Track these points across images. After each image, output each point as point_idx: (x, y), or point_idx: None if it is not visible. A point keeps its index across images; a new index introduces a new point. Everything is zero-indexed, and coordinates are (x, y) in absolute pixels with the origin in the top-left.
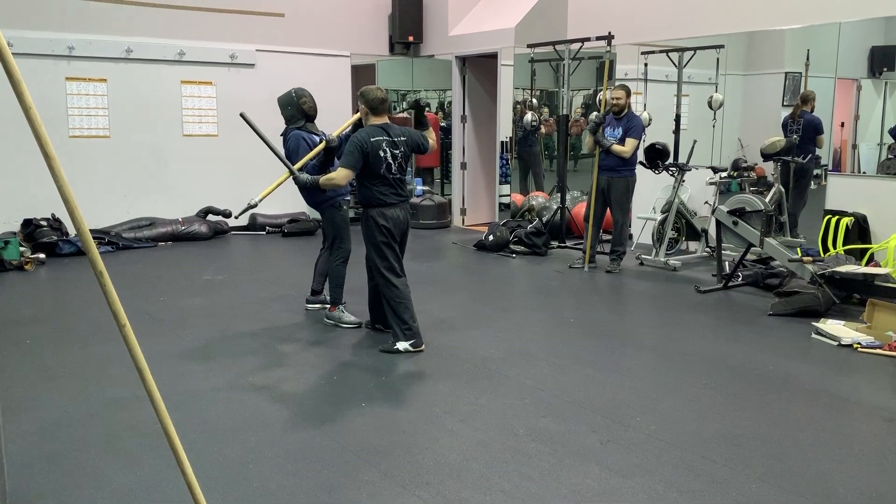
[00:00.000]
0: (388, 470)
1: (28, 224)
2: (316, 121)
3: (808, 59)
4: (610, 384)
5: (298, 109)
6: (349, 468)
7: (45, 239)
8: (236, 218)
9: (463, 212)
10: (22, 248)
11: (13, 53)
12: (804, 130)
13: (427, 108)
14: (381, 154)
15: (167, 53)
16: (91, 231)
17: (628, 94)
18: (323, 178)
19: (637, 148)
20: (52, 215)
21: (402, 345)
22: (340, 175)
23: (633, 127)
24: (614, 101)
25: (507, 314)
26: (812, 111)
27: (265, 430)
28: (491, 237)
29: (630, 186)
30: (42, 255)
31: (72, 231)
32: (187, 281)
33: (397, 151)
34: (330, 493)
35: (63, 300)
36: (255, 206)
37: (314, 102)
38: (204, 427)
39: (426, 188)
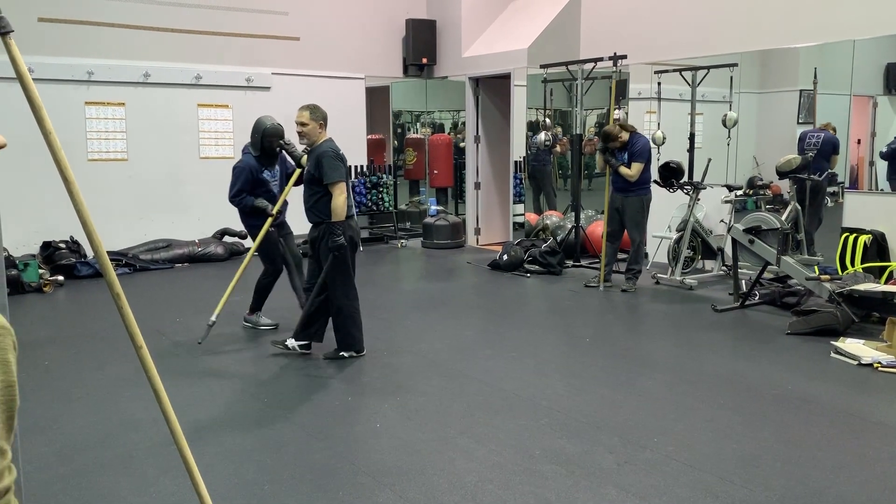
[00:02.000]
0: (402, 491)
1: (47, 246)
2: (331, 141)
3: (815, 77)
4: (626, 404)
5: (259, 143)
6: (364, 490)
7: (63, 261)
8: (199, 343)
9: (477, 231)
10: (41, 271)
11: (34, 79)
12: (822, 147)
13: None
14: (347, 165)
15: (184, 77)
16: (108, 253)
17: (623, 127)
18: (335, 216)
19: (644, 169)
20: (71, 237)
21: (347, 352)
22: (343, 191)
23: (637, 150)
24: (619, 140)
25: (522, 334)
26: (834, 133)
27: (281, 452)
28: (505, 256)
29: (645, 204)
30: (60, 277)
31: (90, 253)
32: (203, 302)
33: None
34: None
35: (81, 322)
36: (213, 323)
37: (275, 146)
38: (220, 448)
39: (440, 208)
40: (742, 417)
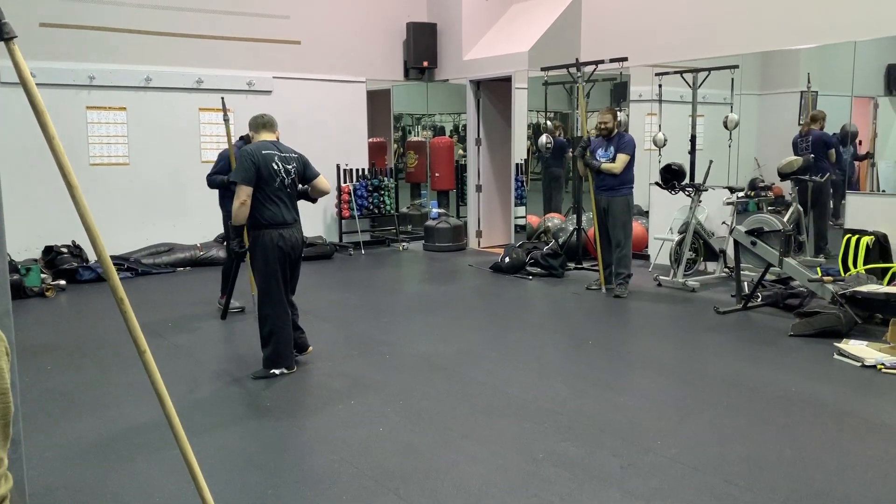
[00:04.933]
0: (406, 495)
1: (49, 251)
2: (331, 143)
3: (809, 81)
4: (629, 407)
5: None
6: (368, 493)
7: (65, 266)
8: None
9: (478, 234)
10: (43, 275)
11: (36, 84)
12: (814, 148)
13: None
14: (275, 167)
15: (185, 82)
16: (110, 257)
17: (615, 116)
18: (234, 218)
19: (629, 168)
20: (73, 242)
21: (277, 370)
22: (241, 195)
23: (624, 143)
24: (602, 125)
25: (525, 337)
26: (821, 129)
27: (283, 456)
28: (507, 259)
29: (630, 205)
30: (63, 282)
31: (92, 258)
32: (205, 306)
33: (290, 167)
34: None
35: (83, 326)
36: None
37: None
38: (223, 453)
39: (442, 210)
40: (746, 419)
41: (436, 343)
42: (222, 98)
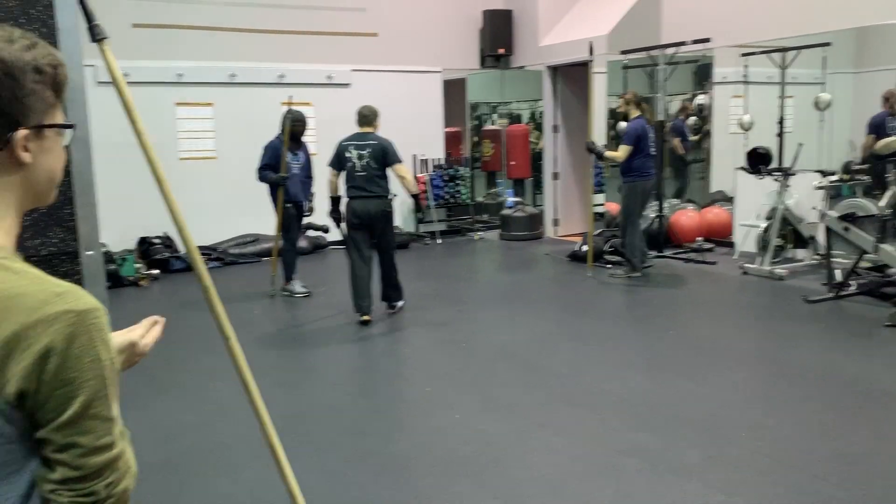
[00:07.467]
0: (482, 482)
1: (143, 242)
2: (407, 134)
3: None
4: (712, 398)
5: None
6: (444, 479)
7: (158, 256)
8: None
9: (556, 222)
10: (137, 265)
11: (129, 83)
12: None
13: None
14: (348, 154)
15: (269, 76)
16: (199, 247)
17: (627, 101)
18: (329, 190)
19: (637, 155)
20: (164, 233)
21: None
22: (328, 174)
23: (625, 133)
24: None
25: (603, 326)
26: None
27: (362, 440)
28: (585, 247)
29: (633, 192)
30: (156, 272)
31: (182, 248)
32: (287, 294)
33: (364, 153)
34: None
35: (175, 314)
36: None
37: (302, 129)
38: (305, 436)
39: (518, 199)
40: (836, 413)
41: (512, 332)
42: (290, 96)
